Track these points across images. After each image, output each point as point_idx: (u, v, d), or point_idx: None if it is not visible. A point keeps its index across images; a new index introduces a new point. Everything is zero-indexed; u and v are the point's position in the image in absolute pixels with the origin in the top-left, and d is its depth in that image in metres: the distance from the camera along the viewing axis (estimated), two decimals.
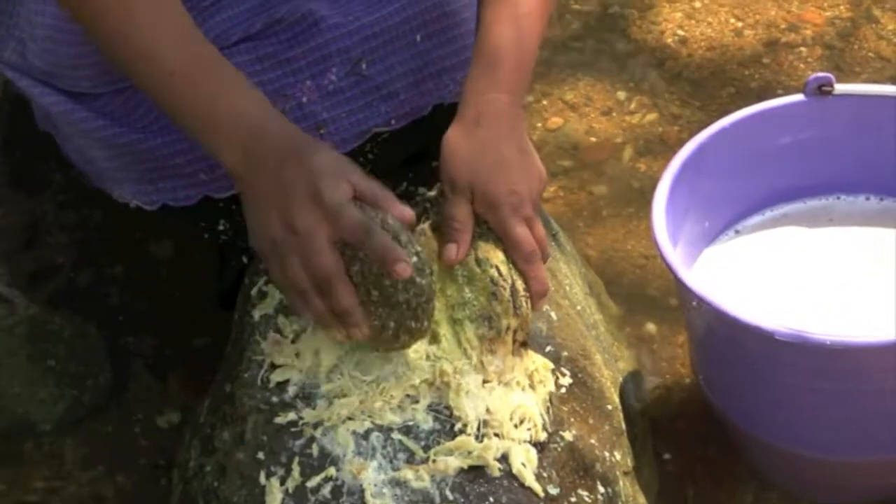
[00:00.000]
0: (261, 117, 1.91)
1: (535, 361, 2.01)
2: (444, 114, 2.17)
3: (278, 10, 2.17)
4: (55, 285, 2.37)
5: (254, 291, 2.06)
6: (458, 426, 1.92)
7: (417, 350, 1.94)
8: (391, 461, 1.90)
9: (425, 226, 2.00)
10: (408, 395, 1.93)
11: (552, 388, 2.00)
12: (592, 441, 2.01)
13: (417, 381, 1.93)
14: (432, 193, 2.11)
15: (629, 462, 2.08)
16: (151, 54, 1.92)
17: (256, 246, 1.89)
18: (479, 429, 1.93)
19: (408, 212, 1.90)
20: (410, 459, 1.90)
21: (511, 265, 1.98)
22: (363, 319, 1.86)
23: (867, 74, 2.64)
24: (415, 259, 1.87)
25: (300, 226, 1.84)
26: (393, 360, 1.94)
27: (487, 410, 1.94)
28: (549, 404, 1.98)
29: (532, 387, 1.98)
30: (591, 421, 2.03)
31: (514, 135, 2.03)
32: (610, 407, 2.08)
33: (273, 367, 1.97)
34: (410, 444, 1.91)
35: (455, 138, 2.01)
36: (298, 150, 1.87)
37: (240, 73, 1.95)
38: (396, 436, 1.91)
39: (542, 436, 1.95)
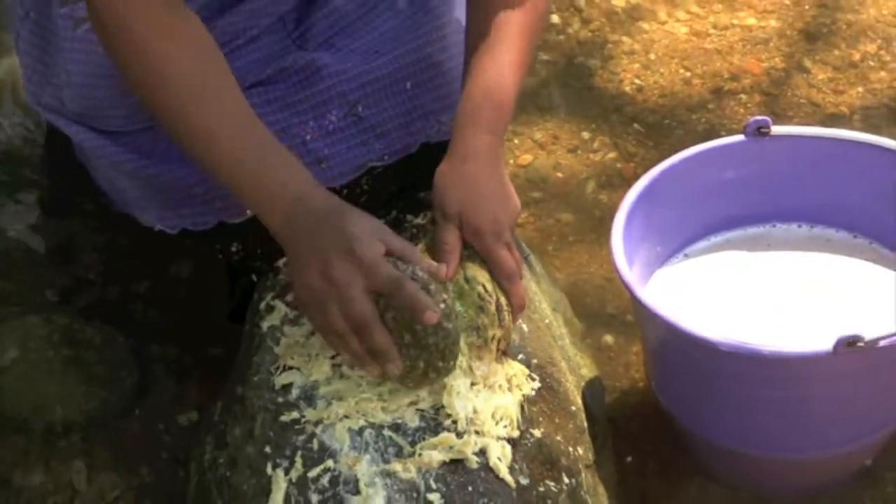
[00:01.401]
0: (303, 186, 1.93)
1: (514, 367, 2.01)
2: (431, 151, 2.17)
3: (286, 60, 2.17)
4: (87, 299, 2.36)
5: (262, 306, 2.06)
6: (445, 423, 1.92)
7: None
8: (382, 455, 1.90)
9: (418, 248, 2.00)
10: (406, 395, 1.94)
11: (527, 391, 2.00)
12: (558, 438, 2.00)
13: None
14: (420, 220, 2.11)
15: (590, 456, 2.07)
16: (214, 133, 1.94)
17: (297, 296, 1.91)
18: (465, 426, 1.92)
19: (440, 267, 1.93)
20: (399, 454, 1.90)
21: (494, 283, 1.98)
22: (397, 357, 1.87)
23: (799, 118, 2.65)
24: (443, 306, 1.88)
25: (338, 278, 1.85)
26: None
27: (475, 410, 1.94)
28: (523, 406, 1.98)
29: (510, 389, 1.98)
30: (557, 420, 2.02)
31: (495, 171, 2.03)
32: (574, 408, 2.08)
33: (281, 369, 1.97)
34: (399, 439, 1.91)
35: (446, 173, 2.01)
36: (336, 213, 1.89)
37: (284, 148, 1.96)
38: (387, 432, 1.91)
39: (517, 433, 1.95)
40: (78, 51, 2.16)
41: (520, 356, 2.04)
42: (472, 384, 1.95)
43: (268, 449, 1.93)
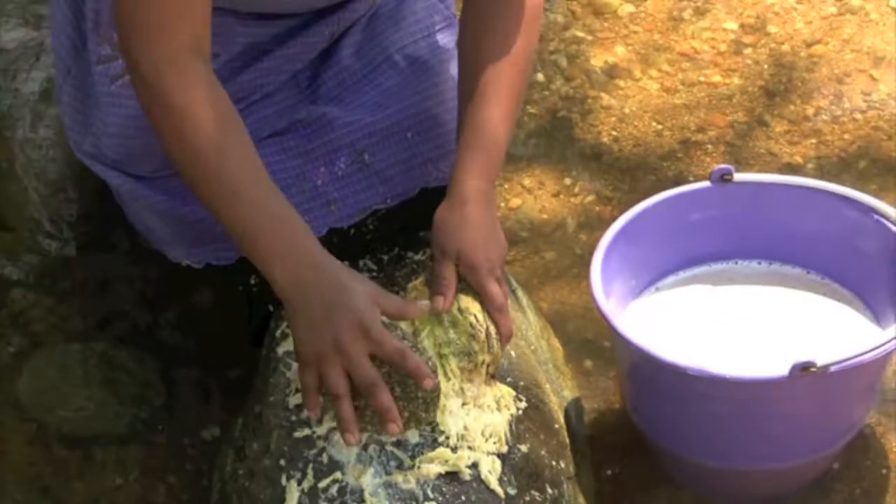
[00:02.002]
0: (314, 255, 1.91)
1: (502, 390, 2.00)
2: (429, 195, 2.17)
3: (299, 112, 2.17)
4: (121, 327, 2.35)
5: (278, 333, 2.06)
6: (440, 439, 1.91)
7: None
8: (385, 467, 1.90)
9: (417, 282, 2.00)
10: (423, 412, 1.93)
11: (514, 410, 1.99)
12: (543, 453, 2.00)
13: None
14: (419, 257, 2.11)
15: (572, 469, 2.07)
16: (237, 189, 1.92)
17: (303, 352, 1.89)
18: (457, 441, 1.92)
19: (437, 299, 1.95)
20: (400, 466, 1.90)
21: (485, 314, 1.98)
22: (398, 417, 1.87)
23: (759, 166, 2.64)
24: (430, 363, 1.90)
25: (348, 347, 1.85)
26: None
27: (465, 427, 1.93)
28: (511, 424, 1.98)
29: (499, 409, 1.98)
30: (541, 437, 2.02)
31: (489, 214, 2.03)
32: (557, 426, 2.07)
33: (294, 391, 1.97)
34: (400, 454, 1.91)
35: (445, 216, 2.01)
36: (346, 289, 1.88)
37: (294, 211, 1.94)
38: (389, 448, 1.91)
39: (505, 448, 1.94)
40: (113, 104, 2.16)
41: (508, 379, 2.03)
42: (464, 404, 1.95)
43: (282, 462, 1.93)
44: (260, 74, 2.17)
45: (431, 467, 1.90)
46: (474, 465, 1.91)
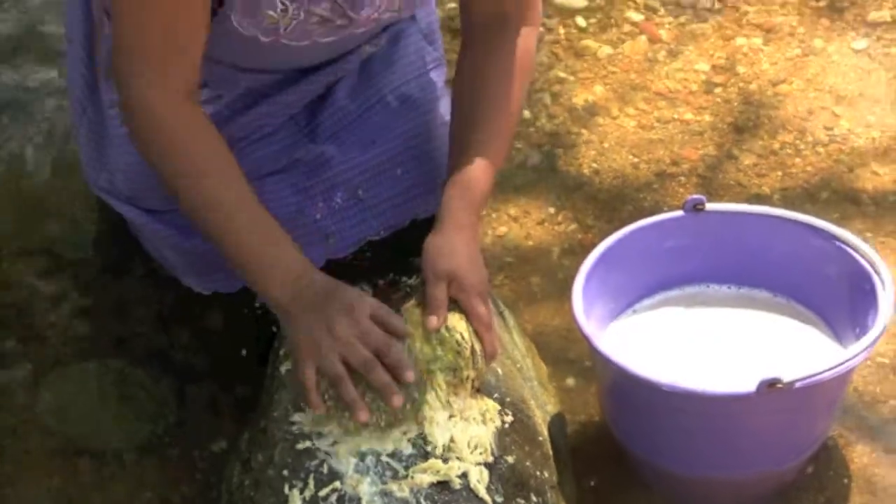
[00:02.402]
0: (305, 269, 1.93)
1: (487, 404, 2.00)
2: (419, 225, 2.18)
3: (298, 151, 2.18)
4: (137, 346, 2.36)
5: (281, 352, 2.07)
6: (429, 449, 1.92)
7: None
8: (381, 477, 1.90)
9: (410, 304, 2.01)
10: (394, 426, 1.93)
11: (499, 423, 2.00)
12: (528, 463, 2.00)
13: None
14: (412, 281, 2.11)
15: (555, 479, 2.06)
16: (230, 223, 1.95)
17: (301, 350, 1.90)
18: (444, 452, 1.92)
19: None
20: (395, 476, 1.90)
21: (471, 332, 1.99)
22: (397, 391, 1.88)
23: (729, 197, 2.64)
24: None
25: (341, 332, 1.86)
26: None
27: (452, 439, 1.93)
28: (496, 436, 1.98)
29: (484, 422, 1.98)
30: (526, 448, 2.02)
31: (475, 243, 2.04)
32: (541, 438, 2.08)
33: (296, 408, 1.97)
34: (395, 464, 1.91)
35: (438, 243, 2.00)
36: (336, 289, 1.90)
37: (285, 233, 1.96)
38: (385, 458, 1.91)
39: (491, 459, 1.94)
40: (125, 143, 2.16)
41: (495, 395, 2.03)
42: (450, 416, 1.95)
43: (285, 472, 1.93)
44: (260, 116, 2.18)
45: (424, 477, 1.90)
46: (464, 475, 1.92)
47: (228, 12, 1.96)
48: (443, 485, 1.90)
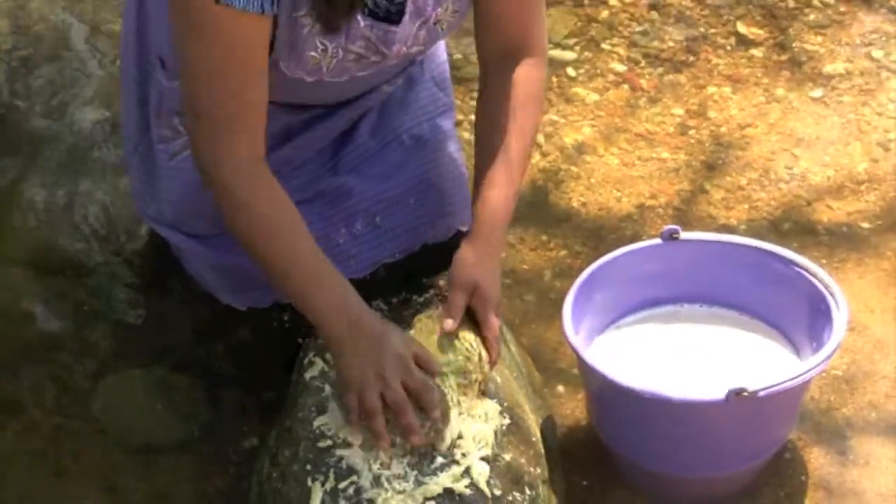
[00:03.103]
0: (359, 308, 1.94)
1: (490, 405, 2.01)
2: (429, 249, 2.19)
3: (322, 183, 2.18)
4: (177, 356, 2.36)
5: (305, 361, 2.06)
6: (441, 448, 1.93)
7: None
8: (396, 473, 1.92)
9: (423, 315, 2.04)
10: (437, 428, 1.94)
11: (498, 423, 2.00)
12: (522, 461, 2.01)
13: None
14: (422, 299, 2.11)
15: (546, 475, 2.06)
16: (294, 263, 1.94)
17: (347, 379, 1.91)
18: (452, 446, 1.93)
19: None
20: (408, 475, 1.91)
21: (479, 342, 2.00)
22: (420, 432, 1.90)
23: (701, 227, 2.63)
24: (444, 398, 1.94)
25: (388, 375, 1.88)
26: None
27: (460, 434, 1.94)
28: (496, 433, 1.99)
29: (486, 420, 1.99)
30: (521, 447, 2.02)
31: (498, 258, 2.06)
32: (534, 438, 2.08)
33: (318, 411, 1.97)
34: (406, 466, 1.93)
35: (468, 258, 2.02)
36: (386, 332, 1.91)
37: (343, 279, 1.96)
38: (398, 453, 1.92)
39: (491, 452, 1.95)
40: (172, 176, 2.17)
41: (495, 399, 2.04)
42: (459, 413, 1.96)
43: (308, 467, 1.93)
44: (291, 151, 2.17)
45: (439, 480, 1.91)
46: (467, 470, 1.92)
47: (277, 58, 1.95)
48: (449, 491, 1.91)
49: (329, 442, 1.94)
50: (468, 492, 1.90)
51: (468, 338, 2.00)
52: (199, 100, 1.92)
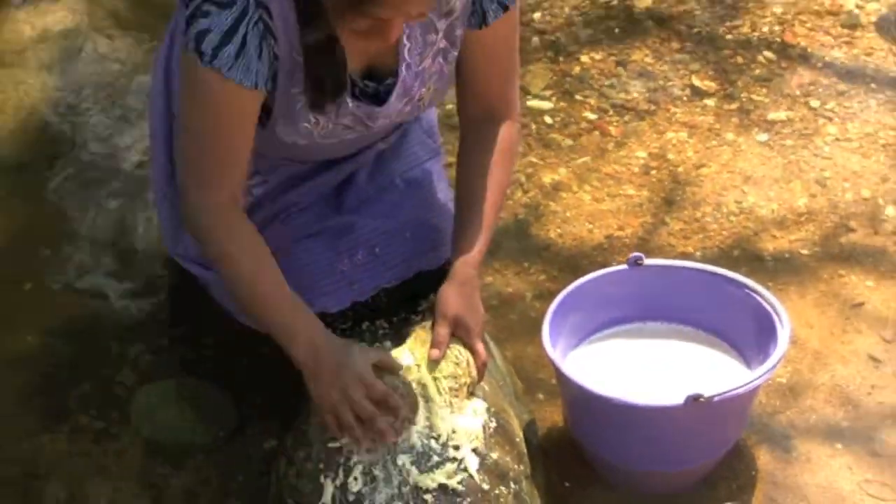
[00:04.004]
0: (323, 336, 1.94)
1: (478, 403, 2.02)
2: (422, 277, 2.18)
3: (328, 221, 2.17)
4: (206, 368, 2.35)
5: None
6: (436, 436, 1.93)
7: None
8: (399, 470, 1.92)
9: (418, 328, 2.04)
10: (408, 419, 1.94)
11: (486, 418, 2.00)
12: (507, 459, 2.01)
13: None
14: (418, 319, 2.11)
15: (528, 471, 2.07)
16: (266, 301, 1.96)
17: (321, 404, 1.92)
18: (447, 439, 1.93)
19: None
20: (408, 471, 1.92)
21: (466, 349, 2.02)
22: (393, 435, 1.91)
23: (662, 254, 2.62)
24: (408, 394, 1.95)
25: (353, 395, 1.89)
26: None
27: (453, 429, 1.95)
28: (484, 428, 1.99)
29: (476, 416, 1.99)
30: (506, 447, 2.03)
31: (477, 293, 2.06)
32: (517, 439, 2.08)
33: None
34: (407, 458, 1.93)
35: (449, 293, 2.03)
36: (347, 360, 1.91)
37: (309, 311, 1.97)
38: (400, 448, 1.93)
39: (481, 444, 1.95)
40: None
41: (484, 405, 2.04)
42: (451, 412, 1.96)
43: (321, 466, 1.94)
44: (298, 195, 2.17)
45: (435, 476, 1.92)
46: (461, 462, 1.92)
47: (274, 125, 1.96)
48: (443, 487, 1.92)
49: (338, 444, 1.94)
50: (461, 487, 1.90)
51: (457, 346, 2.02)
52: (188, 151, 1.95)
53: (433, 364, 1.99)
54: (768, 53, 3.08)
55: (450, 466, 1.91)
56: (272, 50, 1.85)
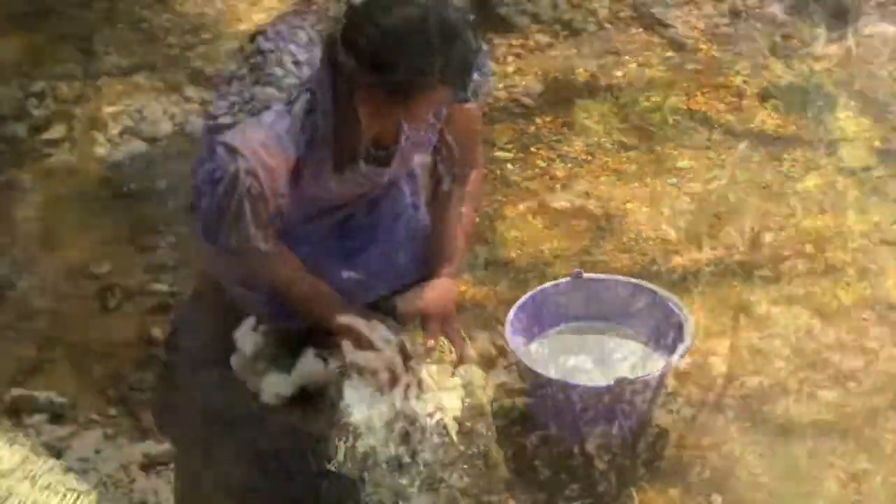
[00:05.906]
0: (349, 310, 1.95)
1: (457, 381, 1.97)
2: (409, 287, 2.12)
3: (335, 248, 2.08)
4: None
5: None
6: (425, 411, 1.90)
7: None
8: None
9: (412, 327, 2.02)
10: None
11: (463, 393, 1.96)
12: (479, 426, 1.95)
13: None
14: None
15: (495, 437, 1.98)
16: (312, 294, 1.96)
17: (342, 332, 1.92)
18: (434, 411, 1.91)
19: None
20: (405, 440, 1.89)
21: (448, 342, 1.99)
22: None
23: (598, 270, 2.59)
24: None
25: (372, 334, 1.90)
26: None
27: (440, 400, 1.92)
28: (462, 401, 1.96)
29: (455, 390, 1.95)
30: (478, 418, 1.96)
31: (454, 296, 2.04)
32: (486, 412, 1.99)
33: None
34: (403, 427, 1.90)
35: (432, 295, 2.00)
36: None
37: (339, 297, 1.98)
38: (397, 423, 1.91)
39: (460, 413, 1.92)
40: None
41: (460, 380, 1.99)
42: (439, 388, 1.92)
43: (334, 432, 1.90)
44: (307, 231, 2.08)
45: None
46: (444, 426, 1.89)
47: (304, 185, 1.95)
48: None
49: (345, 420, 1.90)
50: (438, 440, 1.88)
51: (441, 339, 2.00)
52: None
53: (429, 350, 1.98)
54: (677, 117, 3.14)
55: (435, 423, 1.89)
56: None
